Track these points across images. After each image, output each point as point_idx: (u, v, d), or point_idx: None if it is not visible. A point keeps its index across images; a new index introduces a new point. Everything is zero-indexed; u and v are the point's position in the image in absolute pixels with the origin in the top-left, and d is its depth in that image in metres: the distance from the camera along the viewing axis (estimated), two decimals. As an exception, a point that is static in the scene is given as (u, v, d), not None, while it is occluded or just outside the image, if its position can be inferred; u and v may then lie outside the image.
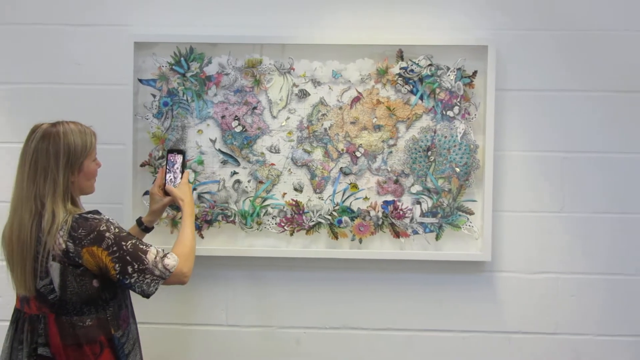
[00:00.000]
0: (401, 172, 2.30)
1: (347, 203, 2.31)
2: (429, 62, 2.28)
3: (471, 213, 2.30)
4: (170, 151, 2.14)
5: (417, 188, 2.30)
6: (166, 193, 2.10)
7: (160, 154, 2.31)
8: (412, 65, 2.28)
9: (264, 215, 2.31)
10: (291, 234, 2.32)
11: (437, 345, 2.36)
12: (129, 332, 1.91)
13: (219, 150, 2.32)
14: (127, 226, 2.29)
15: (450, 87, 2.28)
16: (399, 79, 2.28)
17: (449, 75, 2.28)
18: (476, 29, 2.30)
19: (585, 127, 2.32)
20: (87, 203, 2.35)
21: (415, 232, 2.30)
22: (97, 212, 1.85)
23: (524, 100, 2.32)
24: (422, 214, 2.30)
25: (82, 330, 1.80)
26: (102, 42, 2.35)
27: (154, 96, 2.31)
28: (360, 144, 2.30)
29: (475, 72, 2.28)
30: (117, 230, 1.80)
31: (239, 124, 2.30)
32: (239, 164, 2.32)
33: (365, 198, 2.31)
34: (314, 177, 2.31)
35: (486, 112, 2.27)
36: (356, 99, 2.30)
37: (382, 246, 2.31)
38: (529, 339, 2.36)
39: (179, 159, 2.12)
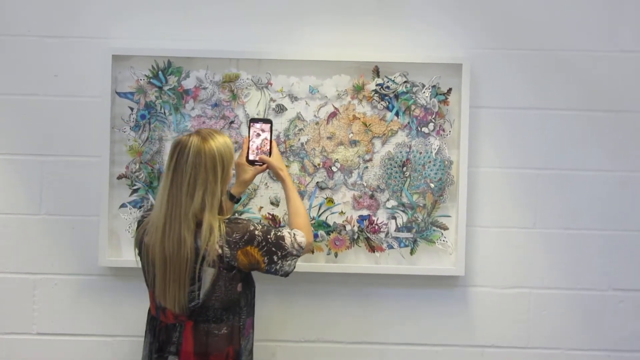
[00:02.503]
0: (377, 187, 2.32)
1: (323, 217, 2.32)
2: (404, 79, 2.30)
3: (445, 228, 2.33)
4: (254, 120, 2.10)
5: (392, 203, 2.32)
6: (251, 163, 2.06)
7: (137, 166, 2.31)
8: (388, 81, 2.30)
9: (240, 228, 2.32)
10: (267, 248, 2.33)
11: (410, 358, 2.38)
12: (248, 340, 1.96)
13: (196, 164, 2.33)
14: (107, 239, 2.29)
15: (425, 104, 2.31)
16: (375, 95, 2.31)
17: (424, 92, 2.31)
18: (451, 48, 2.34)
19: (558, 144, 2.36)
20: (65, 215, 2.36)
21: (390, 247, 2.32)
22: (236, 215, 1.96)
23: (498, 117, 2.35)
24: (397, 229, 2.32)
25: (215, 339, 1.86)
26: (80, 55, 2.35)
27: (132, 109, 2.32)
28: (337, 159, 2.32)
29: (450, 90, 2.31)
30: (260, 226, 1.90)
31: (216, 138, 2.31)
32: (215, 178, 2.33)
33: (341, 212, 2.33)
34: (290, 191, 2.32)
35: (460, 129, 2.30)
36: (333, 115, 2.32)
37: (357, 260, 2.33)
38: (501, 353, 2.38)
39: (265, 128, 2.08)
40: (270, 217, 2.31)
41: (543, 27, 2.35)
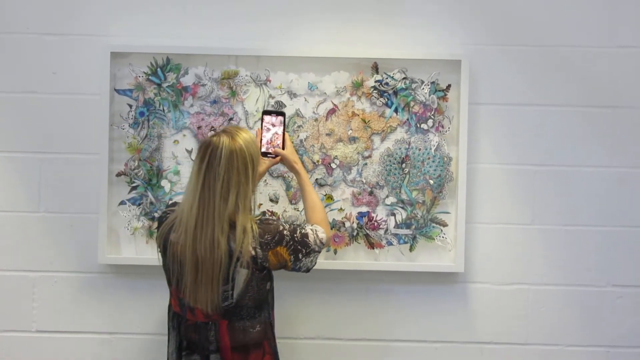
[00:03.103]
0: (376, 183, 2.32)
1: (322, 214, 2.32)
2: (403, 76, 2.30)
3: (445, 225, 2.33)
4: (267, 112, 2.08)
5: (391, 200, 2.32)
6: (264, 155, 2.05)
7: (136, 164, 2.31)
8: (387, 78, 2.30)
9: (239, 225, 2.32)
10: (266, 245, 2.33)
11: (410, 355, 2.38)
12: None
13: (195, 161, 2.33)
14: (106, 236, 2.29)
15: (424, 100, 2.31)
16: (374, 91, 2.31)
17: (423, 88, 2.31)
18: (450, 44, 2.34)
19: (557, 140, 2.36)
20: (64, 212, 2.36)
21: (390, 244, 2.33)
22: (264, 215, 2.06)
23: (497, 113, 2.36)
24: (397, 226, 2.33)
25: (252, 335, 1.88)
26: (79, 52, 2.35)
27: (130, 106, 2.32)
28: (336, 156, 2.32)
29: (449, 86, 2.31)
30: (287, 225, 1.91)
31: (215, 135, 2.32)
32: (214, 175, 2.33)
33: (340, 209, 2.33)
34: (289, 189, 2.32)
35: (459, 125, 2.30)
36: (332, 111, 2.32)
37: (356, 257, 2.33)
38: (500, 350, 2.39)
39: (278, 120, 2.06)
40: (270, 213, 2.31)
41: (542, 24, 2.35)
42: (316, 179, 2.32)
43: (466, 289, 2.38)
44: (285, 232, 1.88)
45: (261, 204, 2.32)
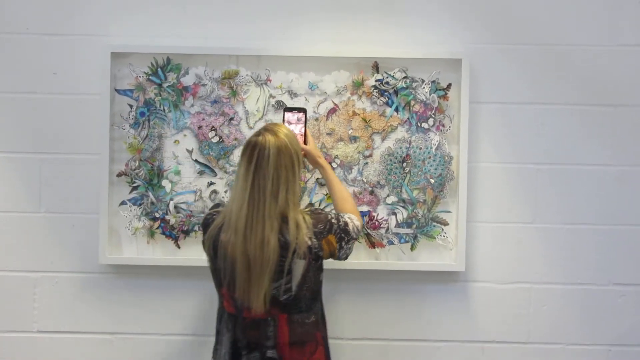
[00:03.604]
0: (377, 183, 2.32)
1: (323, 213, 2.32)
2: (404, 75, 2.30)
3: (446, 224, 2.33)
4: (289, 109, 2.12)
5: (392, 199, 2.32)
6: None
7: (137, 164, 2.31)
8: (387, 77, 2.30)
9: (240, 225, 2.32)
10: (267, 244, 2.33)
11: (411, 354, 2.38)
12: None
13: (196, 161, 2.33)
14: (107, 237, 2.29)
15: (425, 100, 2.31)
16: (375, 91, 2.31)
17: (423, 87, 2.30)
18: (451, 43, 2.34)
19: (558, 139, 2.36)
20: (65, 213, 2.36)
21: (391, 243, 2.32)
22: (316, 207, 2.15)
23: (498, 112, 2.35)
24: (398, 225, 2.33)
25: (307, 327, 1.91)
26: (79, 52, 2.35)
27: (131, 106, 2.32)
28: (337, 155, 2.32)
29: (449, 85, 2.31)
30: (332, 214, 1.97)
31: (216, 135, 2.32)
32: (215, 175, 2.33)
33: (341, 209, 2.33)
34: (290, 188, 2.32)
35: (460, 124, 2.30)
36: (332, 111, 2.32)
37: (357, 256, 2.33)
38: (502, 349, 2.38)
39: (300, 117, 2.11)
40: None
41: (542, 22, 2.35)
42: (317, 179, 2.32)
43: (467, 288, 2.38)
44: (333, 220, 1.94)
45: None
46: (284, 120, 2.11)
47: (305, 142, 2.09)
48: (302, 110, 2.12)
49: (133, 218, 2.32)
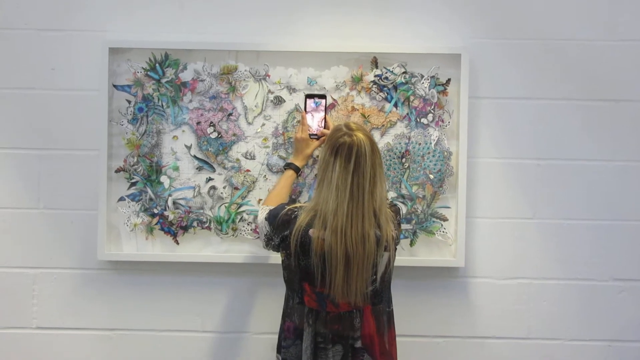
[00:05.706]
0: (376, 178, 2.31)
1: (322, 209, 2.31)
2: (403, 70, 2.30)
3: (445, 219, 2.32)
4: (310, 96, 2.19)
5: (391, 195, 2.32)
6: (312, 137, 2.19)
7: (135, 160, 2.31)
8: (386, 72, 2.30)
9: (239, 221, 2.32)
10: (266, 240, 2.32)
11: (411, 350, 2.37)
12: None
13: (195, 157, 2.32)
14: (106, 233, 2.29)
15: (424, 95, 2.30)
16: (374, 86, 2.30)
17: (423, 83, 2.30)
18: (450, 38, 2.33)
19: (558, 134, 2.36)
20: (64, 209, 2.36)
21: (390, 238, 2.32)
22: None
23: (497, 107, 2.35)
24: (397, 220, 2.32)
25: (388, 316, 1.99)
26: (77, 48, 2.34)
27: (129, 102, 2.31)
28: (336, 151, 2.31)
29: (448, 80, 2.30)
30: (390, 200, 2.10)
31: (215, 130, 2.31)
32: (214, 170, 2.32)
33: (340, 204, 2.32)
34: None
35: (460, 120, 2.30)
36: (331, 106, 2.31)
37: (357, 252, 2.32)
38: (502, 344, 2.38)
39: (321, 103, 2.19)
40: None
41: (542, 17, 2.34)
42: (315, 174, 2.31)
43: (467, 283, 2.37)
44: (398, 208, 2.05)
45: (261, 199, 2.31)
46: (305, 107, 2.17)
47: (326, 127, 2.17)
48: (323, 96, 2.19)
49: (132, 214, 2.31)
